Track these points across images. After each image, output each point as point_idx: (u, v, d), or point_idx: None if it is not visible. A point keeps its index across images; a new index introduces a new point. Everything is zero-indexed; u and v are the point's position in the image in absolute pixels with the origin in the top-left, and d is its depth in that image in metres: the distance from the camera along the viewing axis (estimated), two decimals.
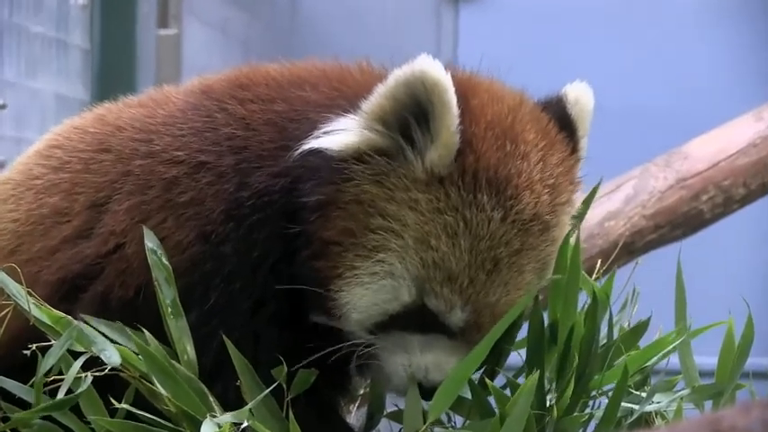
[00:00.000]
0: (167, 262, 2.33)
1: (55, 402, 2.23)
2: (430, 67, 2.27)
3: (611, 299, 2.49)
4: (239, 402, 2.30)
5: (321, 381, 2.36)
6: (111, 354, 2.26)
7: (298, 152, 2.32)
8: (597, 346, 2.43)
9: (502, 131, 2.34)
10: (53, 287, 2.44)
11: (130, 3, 5.44)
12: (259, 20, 6.86)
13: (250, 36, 6.75)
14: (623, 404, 2.42)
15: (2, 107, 4.68)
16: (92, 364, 2.26)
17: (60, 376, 2.24)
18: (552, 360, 2.44)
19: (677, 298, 2.57)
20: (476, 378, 2.42)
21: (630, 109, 6.73)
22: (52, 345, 2.25)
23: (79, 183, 2.50)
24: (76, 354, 2.26)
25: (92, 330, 2.28)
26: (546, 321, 2.44)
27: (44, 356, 2.24)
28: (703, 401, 2.51)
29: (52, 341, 2.26)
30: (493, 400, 2.37)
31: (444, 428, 2.46)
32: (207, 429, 2.22)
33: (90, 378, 2.24)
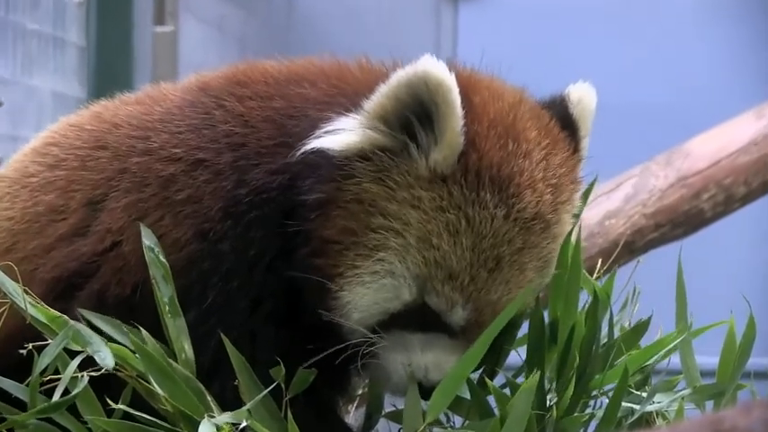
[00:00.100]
0: (164, 260, 2.32)
1: (52, 404, 2.22)
2: (433, 68, 2.26)
3: (611, 298, 2.48)
4: (237, 402, 2.28)
5: (320, 380, 2.34)
6: (105, 356, 2.25)
7: (300, 152, 2.31)
8: (598, 346, 2.43)
9: (504, 129, 2.34)
10: (49, 285, 2.42)
11: (127, 0, 5.43)
12: (256, 17, 6.85)
13: (247, 33, 6.74)
14: (624, 404, 2.42)
15: None
16: (89, 363, 2.24)
17: (57, 376, 2.23)
18: (552, 359, 2.43)
19: (678, 297, 2.57)
20: (475, 378, 2.42)
21: (631, 107, 6.71)
22: (48, 344, 2.24)
23: (75, 180, 2.48)
24: (73, 353, 2.24)
25: (88, 330, 2.27)
26: (546, 320, 2.43)
27: (40, 356, 2.22)
28: (704, 401, 2.51)
29: (49, 340, 2.25)
30: (492, 400, 2.37)
31: (443, 428, 2.45)
32: (204, 429, 2.21)
33: (87, 378, 2.22)
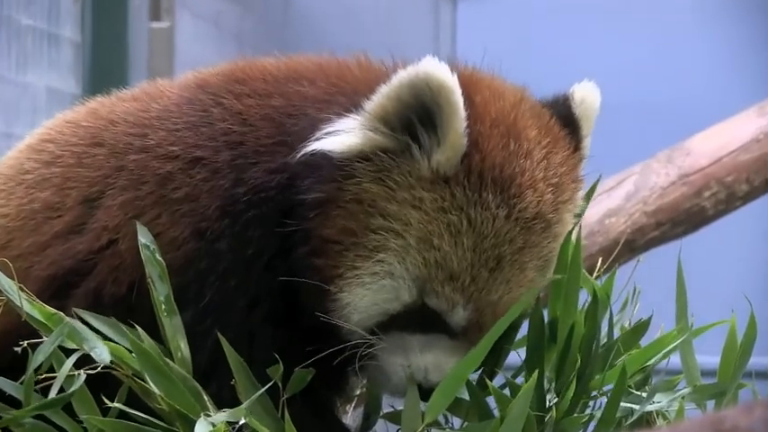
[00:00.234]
0: (161, 258, 2.30)
1: (47, 402, 2.21)
2: (435, 70, 2.25)
3: (611, 297, 2.47)
4: (234, 402, 2.27)
5: (317, 380, 2.33)
6: (101, 352, 2.24)
7: (300, 154, 2.29)
8: (598, 346, 2.42)
9: (506, 129, 2.33)
10: (44, 283, 2.41)
11: None
12: (252, 13, 6.84)
13: (243, 29, 6.73)
14: (624, 404, 2.41)
15: None
16: (84, 362, 2.23)
17: (52, 374, 2.22)
18: (552, 359, 2.43)
19: (678, 296, 2.56)
20: (474, 379, 2.40)
21: (631, 104, 6.71)
22: (44, 341, 2.22)
23: (71, 177, 2.47)
24: (69, 351, 2.23)
25: (84, 327, 2.26)
26: (546, 320, 2.42)
27: (35, 353, 2.21)
28: (705, 401, 2.51)
29: (44, 338, 2.23)
30: (491, 401, 2.35)
31: (442, 430, 2.43)
32: (201, 429, 2.20)
33: (83, 376, 2.21)
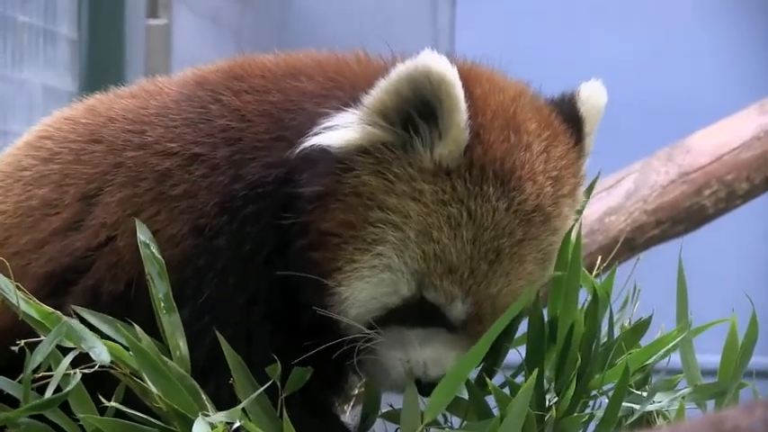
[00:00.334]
0: (160, 255, 2.29)
1: (43, 401, 2.20)
2: (435, 63, 2.24)
3: (611, 296, 2.46)
4: (232, 401, 2.26)
5: (316, 379, 2.33)
6: (100, 351, 2.23)
7: (298, 149, 2.29)
8: (598, 345, 2.41)
9: (506, 122, 2.33)
10: (42, 281, 2.40)
11: None
12: (251, 9, 6.82)
13: (242, 26, 6.71)
14: (624, 404, 2.40)
15: None
16: (81, 361, 2.22)
17: (49, 373, 2.21)
18: (552, 359, 2.42)
19: (679, 295, 2.56)
20: (473, 377, 2.39)
21: (632, 103, 6.70)
22: (41, 341, 2.22)
23: (69, 174, 2.46)
24: (66, 350, 2.22)
25: (82, 326, 2.25)
26: (545, 319, 2.42)
27: (33, 353, 2.20)
28: (706, 401, 2.51)
29: (41, 337, 2.22)
30: (491, 400, 2.34)
31: (441, 429, 2.42)
32: (199, 428, 2.19)
33: (79, 375, 2.20)
